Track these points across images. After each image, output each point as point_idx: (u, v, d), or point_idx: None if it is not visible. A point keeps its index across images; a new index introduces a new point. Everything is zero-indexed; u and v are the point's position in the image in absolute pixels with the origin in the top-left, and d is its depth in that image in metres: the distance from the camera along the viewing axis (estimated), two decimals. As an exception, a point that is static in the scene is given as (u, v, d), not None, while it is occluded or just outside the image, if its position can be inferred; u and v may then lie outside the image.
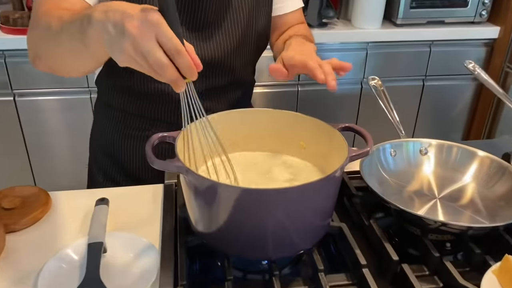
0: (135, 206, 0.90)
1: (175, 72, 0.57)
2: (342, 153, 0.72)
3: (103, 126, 1.05)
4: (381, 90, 1.05)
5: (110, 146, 1.05)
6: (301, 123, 0.81)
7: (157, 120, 1.00)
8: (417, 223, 0.77)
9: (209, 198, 0.64)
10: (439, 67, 2.33)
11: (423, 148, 0.93)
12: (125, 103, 0.99)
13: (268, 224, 0.64)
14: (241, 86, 1.05)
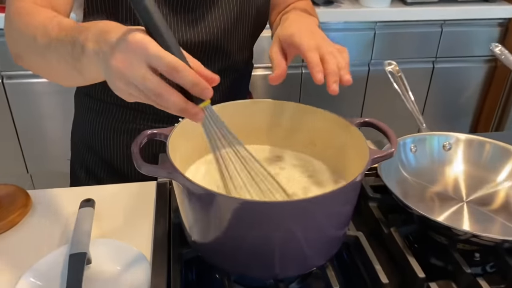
0: (124, 207, 0.80)
1: (179, 97, 0.49)
2: (360, 153, 0.62)
3: (83, 117, 0.95)
4: (399, 76, 0.95)
5: (92, 140, 0.95)
6: (311, 117, 0.71)
7: (141, 111, 0.89)
8: (444, 232, 0.68)
9: (207, 210, 0.54)
10: (450, 48, 2.22)
11: (447, 143, 0.83)
12: (104, 92, 0.89)
13: (276, 239, 0.55)
14: (237, 72, 0.94)
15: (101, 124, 0.92)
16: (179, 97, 0.48)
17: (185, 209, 0.58)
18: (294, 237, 0.55)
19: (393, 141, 0.60)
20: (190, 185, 0.52)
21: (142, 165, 0.54)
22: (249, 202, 0.50)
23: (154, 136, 0.61)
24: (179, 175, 0.53)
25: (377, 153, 0.59)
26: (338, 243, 0.62)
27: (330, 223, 0.57)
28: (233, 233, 0.54)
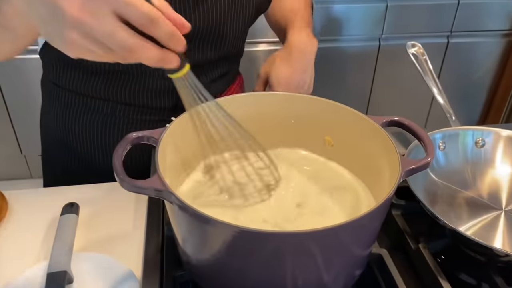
0: (113, 212, 0.70)
1: (156, 49, 0.41)
2: (388, 160, 0.52)
3: (54, 110, 0.83)
4: (423, 59, 0.83)
5: (65, 135, 0.83)
6: (329, 112, 0.60)
7: (122, 103, 0.78)
8: (482, 251, 0.58)
9: (205, 237, 0.44)
10: (466, 22, 2.08)
11: (480, 139, 0.72)
12: (77, 83, 0.77)
13: (287, 272, 0.45)
14: (228, 59, 0.82)
15: (75, 117, 0.80)
16: (155, 48, 0.41)
17: (179, 231, 0.48)
18: (307, 270, 0.45)
19: (429, 148, 0.50)
20: (186, 210, 0.42)
21: (123, 181, 0.44)
22: (259, 233, 0.40)
23: (141, 140, 0.51)
24: (170, 195, 0.43)
25: (411, 164, 0.48)
26: (360, 269, 0.53)
27: (351, 249, 0.47)
28: (237, 264, 0.45)
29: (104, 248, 0.64)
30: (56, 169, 0.88)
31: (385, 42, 2.03)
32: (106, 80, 0.75)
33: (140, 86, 0.75)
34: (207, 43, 0.75)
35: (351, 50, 2.03)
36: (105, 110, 0.78)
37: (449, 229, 0.57)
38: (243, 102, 0.61)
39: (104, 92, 0.76)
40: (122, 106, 0.78)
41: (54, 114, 0.82)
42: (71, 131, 0.81)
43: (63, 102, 0.80)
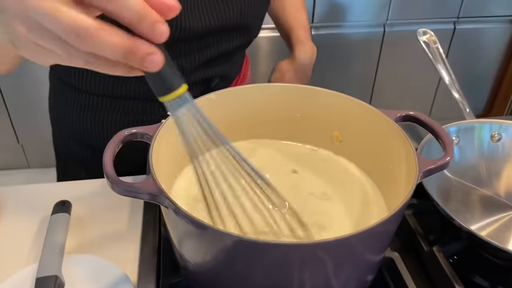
0: (107, 211, 0.67)
1: (121, 35, 0.31)
2: (403, 159, 0.47)
3: (72, 113, 0.78)
4: (435, 48, 0.79)
5: (88, 137, 0.79)
6: (337, 106, 0.56)
7: (152, 100, 0.74)
8: (500, 255, 0.54)
9: (204, 245, 0.41)
10: (474, 7, 2.02)
11: (496, 133, 0.68)
12: (99, 84, 0.73)
13: (294, 281, 0.41)
14: (248, 44, 0.81)
15: (100, 121, 0.76)
16: (120, 34, 0.30)
17: (175, 236, 0.45)
18: (314, 278, 0.41)
19: (448, 147, 0.46)
20: (182, 216, 0.39)
21: (114, 184, 0.40)
22: (264, 244, 0.37)
23: (134, 137, 0.47)
24: (165, 199, 0.39)
25: (428, 164, 0.44)
26: (373, 274, 0.49)
27: (363, 258, 0.43)
28: (238, 273, 0.41)
29: (97, 249, 0.61)
30: (78, 166, 0.84)
31: (390, 29, 1.98)
32: (136, 79, 0.70)
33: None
34: (234, 34, 0.73)
35: (354, 36, 1.97)
36: (135, 109, 0.74)
37: (465, 231, 0.54)
38: (245, 94, 0.57)
39: (134, 92, 0.72)
40: (154, 103, 0.74)
41: (76, 120, 0.78)
42: (99, 135, 0.77)
43: (89, 107, 0.75)
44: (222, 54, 0.73)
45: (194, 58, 0.70)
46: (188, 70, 0.72)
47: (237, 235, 0.36)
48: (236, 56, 0.78)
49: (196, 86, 0.74)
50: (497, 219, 0.61)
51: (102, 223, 0.65)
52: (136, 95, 0.73)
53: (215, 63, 0.73)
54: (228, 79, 0.78)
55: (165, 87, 0.34)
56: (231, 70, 0.78)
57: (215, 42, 0.70)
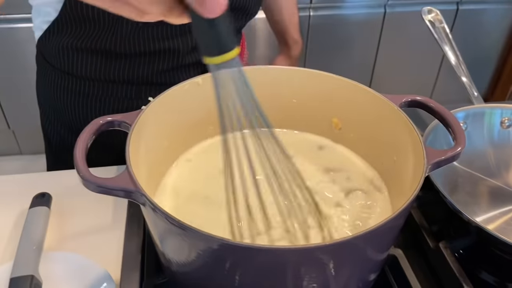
0: (90, 205, 0.62)
1: None
2: (408, 149, 0.43)
3: (65, 101, 0.73)
4: (441, 27, 0.74)
5: (82, 124, 0.74)
6: (336, 90, 0.51)
7: (148, 84, 0.70)
8: (509, 251, 0.50)
9: (186, 249, 0.36)
10: (478, -14, 1.96)
11: (506, 118, 0.63)
12: (95, 68, 0.68)
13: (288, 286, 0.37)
14: (245, 23, 0.78)
15: (97, 107, 0.71)
16: None
17: (156, 235, 0.40)
18: (311, 281, 0.37)
19: (459, 136, 0.41)
20: (160, 215, 0.34)
21: (85, 179, 0.36)
22: (252, 248, 0.32)
23: (111, 125, 0.42)
24: (141, 196, 0.35)
25: (437, 155, 0.40)
26: (376, 272, 0.45)
27: (366, 259, 0.39)
28: (226, 278, 0.37)
29: (79, 246, 0.56)
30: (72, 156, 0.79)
31: (391, 9, 1.91)
32: (129, 63, 0.67)
33: (164, 65, 0.68)
34: (232, 15, 0.68)
35: (354, 18, 1.91)
36: (129, 94, 0.70)
37: (474, 226, 0.49)
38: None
39: (127, 75, 0.68)
40: (148, 87, 0.70)
41: (69, 106, 0.73)
42: (87, 121, 0.72)
43: (80, 92, 0.71)
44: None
45: (191, 38, 0.67)
46: (184, 51, 0.68)
47: (219, 238, 0.32)
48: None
49: (192, 68, 0.71)
50: (507, 210, 0.57)
51: (84, 217, 0.61)
52: (128, 79, 0.68)
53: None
54: None
55: (219, 47, 0.30)
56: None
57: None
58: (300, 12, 1.97)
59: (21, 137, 2.05)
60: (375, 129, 0.49)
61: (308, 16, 1.87)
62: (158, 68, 0.68)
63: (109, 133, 0.43)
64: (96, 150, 0.45)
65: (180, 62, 0.69)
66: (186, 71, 0.71)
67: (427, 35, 0.75)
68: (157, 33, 0.64)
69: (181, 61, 0.69)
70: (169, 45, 0.66)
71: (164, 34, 0.65)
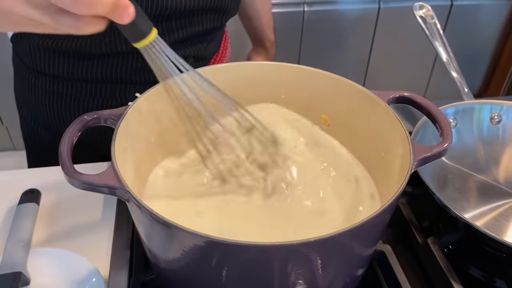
0: (79, 201, 0.62)
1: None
2: (396, 145, 0.43)
3: (40, 100, 0.72)
4: (433, 23, 0.74)
5: (57, 123, 0.73)
6: (324, 86, 0.51)
7: (122, 83, 0.69)
8: (499, 248, 0.50)
9: (171, 246, 0.36)
10: (473, -19, 1.96)
11: (495, 114, 0.64)
12: (68, 68, 0.67)
13: (275, 282, 0.37)
14: (225, 23, 0.77)
15: (72, 107, 0.70)
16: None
17: (143, 232, 0.40)
18: (297, 278, 0.37)
19: (446, 132, 0.41)
20: (150, 216, 0.34)
21: (70, 176, 0.36)
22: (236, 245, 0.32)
23: (97, 122, 0.42)
24: (126, 193, 0.35)
25: (424, 151, 0.40)
26: (364, 267, 0.45)
27: (353, 255, 0.39)
28: (212, 276, 0.37)
29: (67, 242, 0.56)
30: (49, 156, 0.78)
31: (385, 5, 1.91)
32: (102, 62, 0.66)
33: (138, 64, 0.67)
34: (208, 15, 0.69)
35: (348, 13, 1.91)
36: (103, 94, 0.69)
37: (462, 222, 0.50)
38: (226, 73, 0.52)
39: (100, 74, 0.67)
40: (122, 86, 0.69)
41: (43, 106, 0.72)
42: (68, 122, 0.71)
43: (52, 91, 0.70)
44: (197, 34, 0.68)
45: (164, 38, 0.65)
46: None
47: (204, 235, 0.32)
48: (211, 35, 0.73)
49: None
50: (495, 206, 0.57)
51: (73, 213, 0.60)
52: (101, 78, 0.67)
53: (189, 43, 0.68)
54: (204, 59, 0.73)
55: (141, 34, 0.38)
56: (206, 50, 0.72)
57: (188, 23, 0.66)
58: (293, 7, 1.97)
59: (14, 133, 2.04)
60: (363, 125, 0.49)
61: (302, 11, 1.86)
62: (132, 67, 0.66)
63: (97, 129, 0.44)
64: (82, 147, 0.46)
65: None
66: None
67: (422, 31, 0.75)
68: None
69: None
70: None
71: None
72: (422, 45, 0.73)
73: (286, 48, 1.94)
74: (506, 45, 2.13)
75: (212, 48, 0.75)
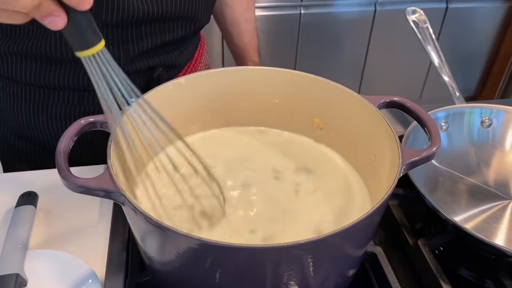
0: (76, 203, 0.63)
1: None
2: (386, 149, 0.44)
3: (10, 107, 0.72)
4: (425, 27, 0.75)
5: (26, 129, 0.73)
6: (317, 91, 0.52)
7: (90, 90, 0.67)
8: (489, 250, 0.51)
9: (168, 248, 0.37)
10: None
11: (486, 118, 0.65)
12: (35, 74, 0.66)
13: (268, 283, 0.38)
14: (198, 31, 0.75)
15: (41, 114, 0.70)
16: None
17: (138, 235, 0.41)
18: (289, 284, 0.38)
19: (434, 136, 0.42)
20: (144, 219, 0.35)
21: (66, 178, 0.37)
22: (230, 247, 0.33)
23: (93, 126, 0.43)
24: (121, 196, 0.36)
25: (412, 155, 0.41)
26: (355, 268, 0.46)
27: (343, 256, 0.40)
28: (206, 278, 0.38)
29: (64, 244, 0.57)
30: (21, 161, 0.78)
31: (382, 8, 1.93)
32: (69, 69, 0.65)
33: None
34: (179, 24, 0.67)
35: (344, 16, 1.92)
36: (71, 101, 0.68)
37: (451, 224, 0.51)
38: (219, 78, 0.53)
39: (67, 81, 0.66)
40: (90, 94, 0.68)
41: (12, 111, 0.72)
42: (37, 128, 0.72)
43: (19, 97, 0.69)
44: (166, 43, 0.67)
45: (132, 47, 0.64)
46: (126, 60, 0.65)
47: (197, 237, 0.33)
48: (184, 44, 0.72)
49: (136, 76, 0.68)
50: (485, 209, 0.58)
51: (70, 216, 0.61)
52: (69, 85, 0.67)
53: (159, 52, 0.67)
54: (176, 67, 0.72)
55: (83, 43, 0.36)
56: (178, 58, 0.71)
57: (157, 30, 0.64)
58: (289, 10, 1.98)
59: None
60: (354, 129, 0.50)
61: (298, 14, 1.88)
62: None
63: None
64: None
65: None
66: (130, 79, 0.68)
67: (414, 34, 0.75)
68: None
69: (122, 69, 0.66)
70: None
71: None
72: (417, 48, 0.74)
73: (283, 51, 1.95)
74: (501, 48, 2.14)
75: (185, 55, 0.73)
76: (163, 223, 0.33)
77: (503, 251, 0.48)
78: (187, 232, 0.33)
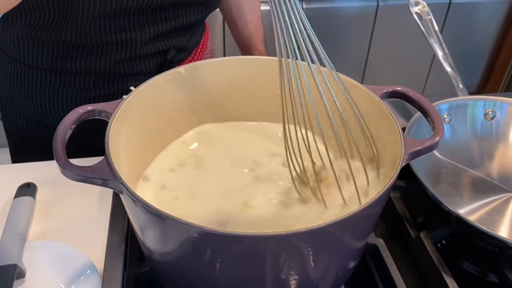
0: (75, 195, 0.62)
1: None
2: (388, 139, 0.43)
3: (24, 93, 0.72)
4: (428, 19, 0.74)
5: (40, 115, 0.73)
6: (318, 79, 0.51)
7: (106, 74, 0.69)
8: (491, 242, 0.51)
9: (168, 239, 0.37)
10: (471, -21, 1.96)
11: (489, 110, 0.64)
12: (52, 59, 0.67)
13: (268, 274, 0.38)
14: (207, 16, 0.77)
15: (56, 98, 0.70)
16: None
17: (136, 224, 0.41)
18: (289, 270, 0.38)
19: (437, 126, 0.41)
20: (142, 207, 0.34)
21: (64, 168, 0.36)
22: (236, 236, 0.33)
23: (91, 114, 0.42)
24: (119, 185, 0.35)
25: (415, 145, 0.40)
26: (356, 260, 0.45)
27: (344, 247, 0.40)
28: (205, 268, 0.37)
29: (63, 235, 0.57)
30: (34, 149, 0.78)
31: (384, 2, 1.91)
32: (86, 53, 0.66)
33: (122, 55, 0.67)
34: (193, 9, 0.69)
35: (347, 10, 1.91)
36: (87, 85, 0.69)
37: (454, 216, 0.50)
38: (219, 68, 0.52)
39: (84, 65, 0.67)
40: (106, 77, 0.69)
41: (26, 97, 0.72)
42: (51, 113, 0.72)
43: (35, 82, 0.70)
44: (180, 27, 0.69)
45: (149, 30, 0.66)
46: (142, 42, 0.67)
47: (198, 226, 0.32)
48: (194, 28, 0.73)
49: (150, 58, 0.69)
50: (488, 201, 0.57)
51: (69, 207, 0.61)
52: (86, 70, 0.67)
53: (171, 35, 0.69)
54: (186, 51, 0.74)
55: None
56: (189, 42, 0.73)
57: (172, 15, 0.66)
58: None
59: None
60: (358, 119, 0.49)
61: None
62: (116, 58, 0.66)
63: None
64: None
65: (137, 52, 0.67)
66: (143, 62, 0.69)
67: (419, 27, 0.75)
68: (114, 24, 0.63)
69: (138, 52, 0.67)
70: (126, 37, 0.65)
71: (122, 26, 0.63)
72: (420, 42, 0.73)
73: (285, 45, 1.94)
74: (504, 42, 2.13)
75: (194, 40, 0.75)
76: (162, 211, 0.33)
77: (506, 243, 0.47)
78: (186, 220, 0.32)
